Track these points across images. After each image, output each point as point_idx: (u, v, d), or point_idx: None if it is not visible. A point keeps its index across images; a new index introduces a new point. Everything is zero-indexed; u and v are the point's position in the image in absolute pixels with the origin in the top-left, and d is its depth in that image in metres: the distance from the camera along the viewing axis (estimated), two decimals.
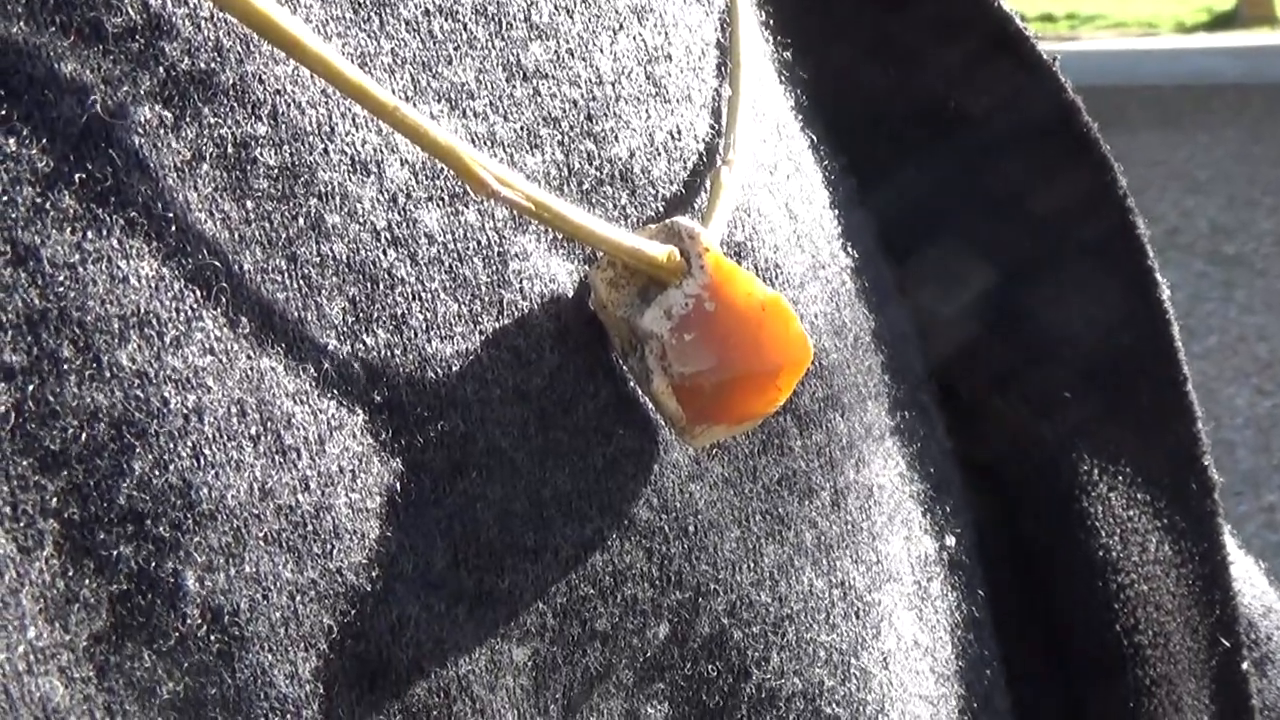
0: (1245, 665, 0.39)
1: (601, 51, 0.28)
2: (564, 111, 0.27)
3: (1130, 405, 0.38)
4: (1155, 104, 6.14)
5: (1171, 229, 4.79)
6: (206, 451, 0.21)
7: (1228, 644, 0.38)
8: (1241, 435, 3.07)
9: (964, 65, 0.37)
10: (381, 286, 0.23)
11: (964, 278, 0.38)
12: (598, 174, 0.27)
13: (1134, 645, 0.37)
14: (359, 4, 0.24)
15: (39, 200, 0.20)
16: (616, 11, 0.28)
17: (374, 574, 0.23)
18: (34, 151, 0.20)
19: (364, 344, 0.23)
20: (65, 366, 0.20)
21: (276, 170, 0.23)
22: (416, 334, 0.24)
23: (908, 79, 0.38)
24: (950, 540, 0.35)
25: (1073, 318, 0.38)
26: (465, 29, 0.26)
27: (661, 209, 0.28)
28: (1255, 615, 0.45)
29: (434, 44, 0.25)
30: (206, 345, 0.21)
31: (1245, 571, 0.46)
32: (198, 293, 0.21)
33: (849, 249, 0.33)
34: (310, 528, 0.22)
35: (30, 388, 0.20)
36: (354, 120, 0.24)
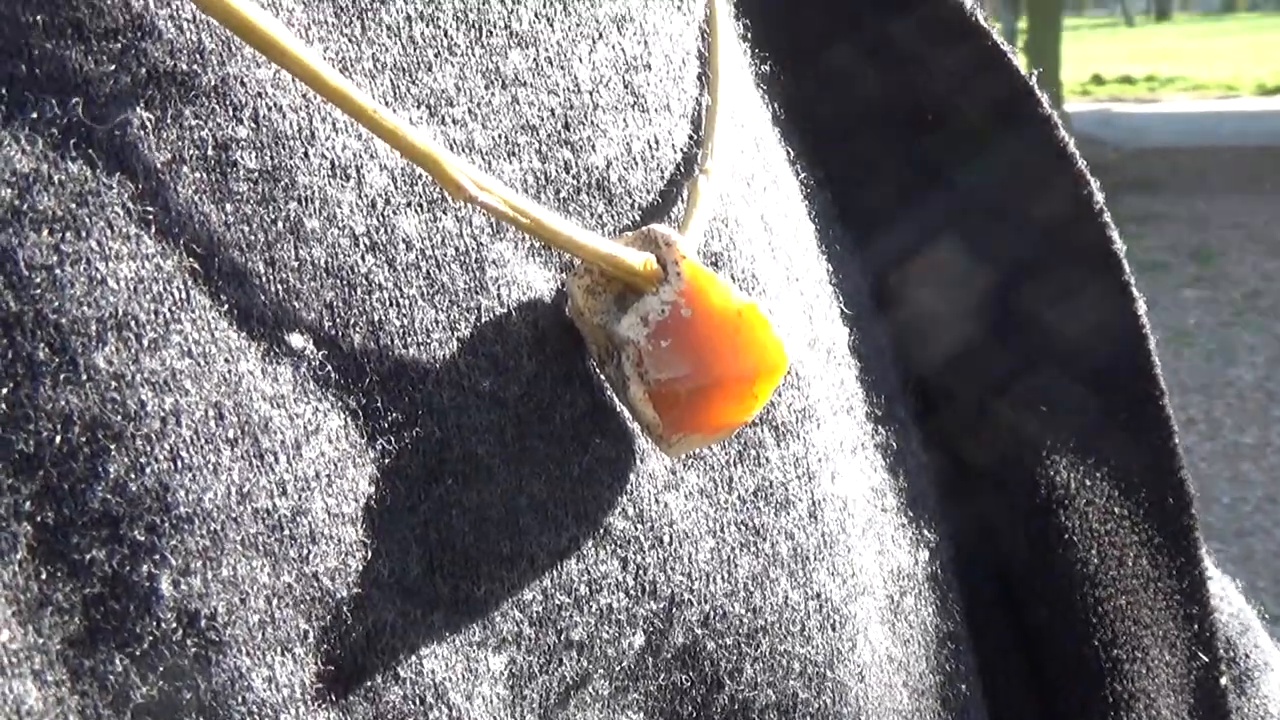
0: (1224, 681, 0.38)
1: (580, 60, 0.28)
2: (542, 119, 0.27)
3: (1109, 420, 0.37)
4: (1236, 165, 6.05)
5: (1251, 292, 4.70)
6: (184, 454, 0.21)
7: (1206, 659, 0.38)
8: None
9: (954, 73, 0.37)
10: (359, 291, 0.24)
11: (958, 281, 0.38)
12: (575, 182, 0.27)
13: (1112, 659, 0.36)
14: (341, 8, 0.25)
15: (17, 202, 0.20)
16: (596, 20, 0.28)
17: (350, 579, 0.23)
18: (13, 152, 0.21)
19: (340, 349, 0.23)
20: (40, 369, 0.20)
21: (257, 173, 0.23)
22: (393, 339, 0.24)
23: (898, 84, 0.38)
24: (924, 554, 0.34)
25: (1059, 326, 0.38)
26: (445, 35, 0.26)
27: (638, 218, 0.28)
28: (1233, 633, 0.44)
29: (415, 50, 0.25)
30: (185, 348, 0.22)
31: (1221, 589, 0.45)
32: (176, 295, 0.22)
33: (824, 262, 0.33)
34: (287, 532, 0.22)
35: (4, 390, 0.20)
36: (334, 125, 0.24)
